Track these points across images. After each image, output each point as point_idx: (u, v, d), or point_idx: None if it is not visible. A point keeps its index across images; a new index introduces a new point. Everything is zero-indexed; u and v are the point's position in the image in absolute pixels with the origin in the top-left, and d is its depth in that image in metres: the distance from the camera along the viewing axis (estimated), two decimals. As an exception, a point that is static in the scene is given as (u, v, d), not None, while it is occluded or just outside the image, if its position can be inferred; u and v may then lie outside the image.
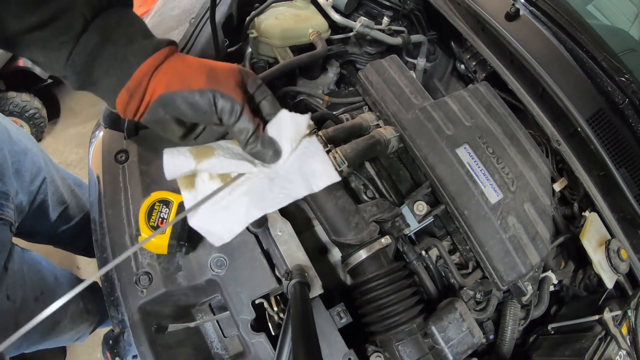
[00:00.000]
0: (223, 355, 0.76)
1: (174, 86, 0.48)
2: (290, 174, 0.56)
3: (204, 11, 1.04)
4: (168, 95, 0.49)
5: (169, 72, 0.49)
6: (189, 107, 0.49)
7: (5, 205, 0.88)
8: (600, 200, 0.94)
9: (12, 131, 0.98)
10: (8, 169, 0.92)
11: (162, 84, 0.49)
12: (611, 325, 0.82)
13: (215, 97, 0.49)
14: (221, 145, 0.56)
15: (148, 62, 0.48)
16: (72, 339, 1.24)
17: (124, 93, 0.49)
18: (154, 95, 0.49)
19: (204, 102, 0.49)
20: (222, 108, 0.49)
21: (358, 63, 1.30)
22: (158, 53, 0.49)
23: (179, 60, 0.51)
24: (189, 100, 0.49)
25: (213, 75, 0.50)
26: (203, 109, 0.49)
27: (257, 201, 0.54)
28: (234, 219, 0.54)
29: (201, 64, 0.51)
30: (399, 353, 0.70)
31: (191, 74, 0.49)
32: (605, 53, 0.95)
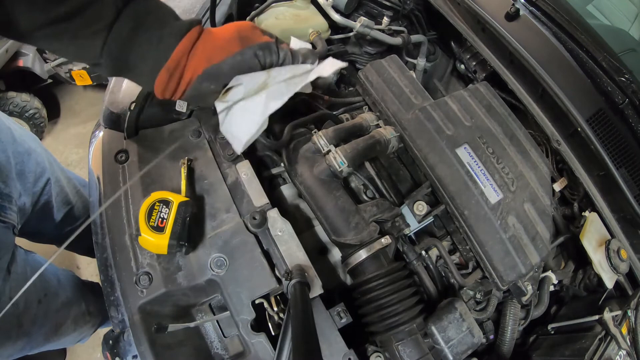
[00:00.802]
0: (223, 355, 0.76)
1: (215, 58, 0.54)
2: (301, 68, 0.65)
3: (204, 11, 1.04)
4: (214, 68, 0.54)
5: (207, 48, 0.54)
6: (235, 70, 0.55)
7: (7, 208, 0.88)
8: (600, 200, 0.94)
9: (15, 132, 0.98)
10: (11, 171, 0.91)
11: (202, 60, 0.53)
12: (611, 325, 0.81)
13: (254, 50, 0.56)
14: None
15: (184, 41, 0.52)
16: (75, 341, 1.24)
17: (164, 73, 0.52)
18: (195, 73, 0.53)
19: (248, 58, 0.55)
20: (263, 54, 0.57)
21: (358, 63, 1.30)
22: (191, 32, 0.53)
23: (209, 35, 0.55)
24: (234, 65, 0.55)
25: (243, 36, 0.56)
26: (249, 65, 0.56)
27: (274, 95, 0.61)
28: (251, 117, 0.60)
29: (229, 31, 0.56)
30: (399, 353, 0.70)
31: (226, 43, 0.55)
32: (605, 53, 0.95)
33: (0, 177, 0.87)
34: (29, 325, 0.93)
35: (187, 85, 0.54)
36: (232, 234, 0.75)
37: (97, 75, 2.34)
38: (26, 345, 0.97)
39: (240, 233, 0.75)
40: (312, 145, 0.84)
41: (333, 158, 0.79)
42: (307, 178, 0.81)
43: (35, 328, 0.97)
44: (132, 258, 0.73)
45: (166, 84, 0.53)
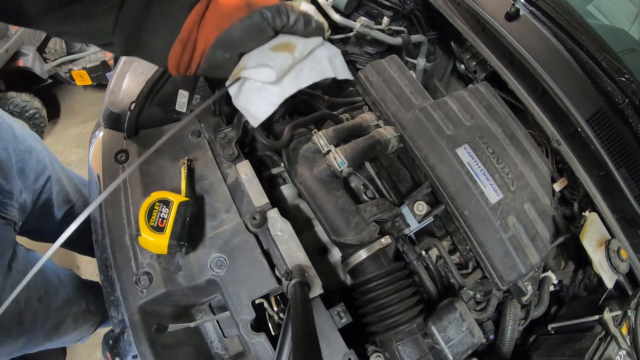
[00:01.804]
0: (223, 355, 0.76)
1: (225, 24, 0.54)
2: (319, 58, 0.66)
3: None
4: (225, 34, 0.54)
5: (215, 16, 0.54)
6: (246, 34, 0.55)
7: (9, 205, 0.88)
8: (600, 200, 0.93)
9: (17, 130, 0.98)
10: (12, 168, 0.92)
11: (212, 28, 0.54)
12: (611, 325, 0.81)
13: (263, 12, 0.56)
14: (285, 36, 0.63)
15: (193, 12, 0.53)
16: (75, 340, 1.24)
17: (177, 46, 0.53)
18: (208, 42, 0.54)
19: (257, 21, 0.55)
20: (272, 17, 0.56)
21: (358, 63, 1.30)
22: (200, 4, 0.54)
23: (217, 4, 0.56)
24: (244, 28, 0.55)
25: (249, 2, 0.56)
26: (259, 27, 0.56)
27: (292, 79, 0.62)
28: (268, 98, 0.61)
29: None
30: (399, 353, 0.70)
31: (234, 9, 0.55)
32: (605, 53, 0.95)
33: (2, 174, 0.87)
34: (29, 323, 0.93)
35: (201, 56, 0.55)
36: (232, 234, 0.75)
37: (97, 75, 2.34)
38: (27, 344, 0.97)
39: (240, 233, 0.75)
40: (312, 145, 0.84)
41: (333, 158, 0.79)
42: (307, 178, 0.81)
43: (36, 326, 0.97)
44: (132, 258, 0.73)
45: (180, 58, 0.54)
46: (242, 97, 0.63)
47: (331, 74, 0.67)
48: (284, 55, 0.60)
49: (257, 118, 0.63)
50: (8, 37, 2.01)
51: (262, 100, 0.62)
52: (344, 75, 0.69)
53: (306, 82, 0.64)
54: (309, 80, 0.64)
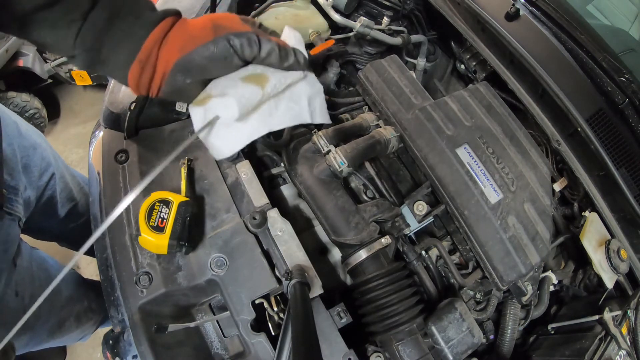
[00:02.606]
0: (223, 355, 0.76)
1: (187, 47, 0.50)
2: (297, 96, 0.60)
3: (203, 11, 1.04)
4: (185, 59, 0.50)
5: (179, 37, 0.51)
6: (208, 60, 0.51)
7: (14, 200, 0.88)
8: (600, 200, 0.93)
9: (21, 126, 0.98)
10: (17, 164, 0.92)
11: (173, 50, 0.50)
12: (611, 325, 0.81)
13: (229, 39, 0.51)
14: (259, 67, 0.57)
15: (156, 31, 0.50)
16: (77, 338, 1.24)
17: (136, 65, 0.50)
18: (168, 65, 0.50)
19: (221, 48, 0.50)
20: (240, 45, 0.51)
21: (358, 63, 1.30)
22: (163, 22, 0.51)
23: (183, 25, 0.52)
24: (205, 55, 0.50)
25: (218, 25, 0.51)
26: (223, 55, 0.51)
27: (265, 118, 0.57)
28: (237, 135, 0.56)
29: (204, 21, 0.52)
30: (399, 353, 0.70)
31: (198, 32, 0.51)
32: (605, 53, 0.95)
33: (7, 170, 0.87)
34: (33, 320, 0.93)
35: (161, 79, 0.51)
36: (232, 234, 0.75)
37: (97, 75, 2.34)
38: (30, 341, 0.97)
39: (240, 233, 0.75)
40: (312, 145, 0.84)
41: (333, 158, 0.79)
42: (307, 178, 0.81)
43: (40, 323, 0.97)
44: (132, 258, 0.73)
45: (139, 78, 0.51)
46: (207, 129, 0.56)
47: (307, 119, 0.61)
48: (253, 89, 0.54)
49: (221, 154, 0.58)
50: (8, 37, 2.01)
51: (229, 136, 0.56)
52: (320, 120, 0.63)
53: (279, 124, 0.58)
54: (282, 124, 0.58)
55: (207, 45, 0.50)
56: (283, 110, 0.58)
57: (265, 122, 0.57)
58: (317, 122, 0.63)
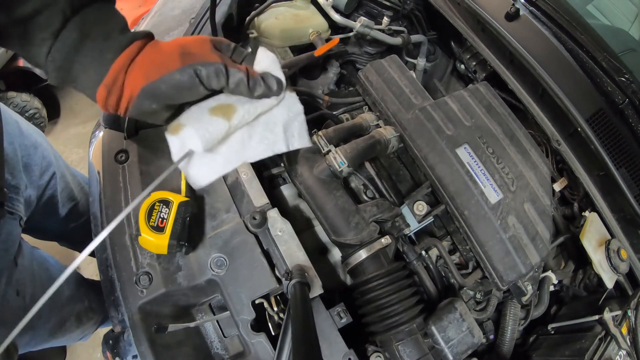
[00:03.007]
0: (223, 355, 0.76)
1: (153, 74, 0.49)
2: (272, 124, 0.58)
3: (204, 11, 1.04)
4: (151, 86, 0.49)
5: (145, 63, 0.50)
6: (174, 89, 0.50)
7: (15, 199, 0.88)
8: (600, 200, 0.94)
9: (22, 125, 0.99)
10: (18, 163, 0.92)
11: (140, 76, 0.50)
12: (611, 325, 0.82)
13: (196, 69, 0.50)
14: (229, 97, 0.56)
15: (122, 56, 0.50)
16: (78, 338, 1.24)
17: (102, 89, 0.50)
18: (134, 90, 0.50)
19: (186, 78, 0.49)
20: (206, 75, 0.50)
21: (358, 63, 1.30)
22: (131, 47, 0.51)
23: (152, 49, 0.52)
24: (171, 83, 0.49)
25: (186, 52, 0.51)
26: (188, 85, 0.50)
27: (237, 149, 0.56)
28: (211, 166, 0.55)
29: (173, 46, 0.52)
30: (399, 353, 0.70)
31: (165, 58, 0.50)
32: (605, 53, 0.95)
33: (8, 169, 0.87)
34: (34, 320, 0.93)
35: (127, 102, 0.51)
36: (232, 234, 0.75)
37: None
38: (31, 340, 0.97)
39: (240, 233, 0.75)
40: (312, 145, 0.84)
41: (333, 158, 0.79)
42: (307, 178, 0.81)
43: (41, 322, 0.97)
44: (132, 258, 0.73)
45: (105, 99, 0.51)
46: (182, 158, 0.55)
47: (282, 148, 0.59)
48: (218, 122, 0.53)
49: (198, 184, 0.56)
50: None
51: (203, 167, 0.56)
52: (298, 145, 0.61)
53: (253, 156, 0.57)
54: (255, 156, 0.57)
55: (173, 74, 0.49)
56: (257, 140, 0.57)
57: (238, 154, 0.56)
58: (295, 147, 0.60)
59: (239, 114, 0.54)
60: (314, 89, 1.13)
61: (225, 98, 0.55)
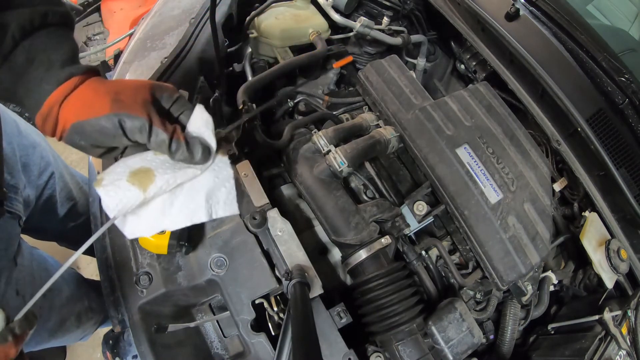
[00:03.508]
0: (223, 355, 0.76)
1: (82, 115, 0.50)
2: (195, 192, 0.56)
3: (204, 11, 1.04)
4: (79, 125, 0.50)
5: (77, 101, 0.51)
6: (97, 133, 0.51)
7: (14, 199, 0.88)
8: (600, 200, 0.94)
9: (21, 125, 0.99)
10: (16, 163, 0.92)
11: (71, 113, 0.51)
12: (611, 325, 0.82)
13: (121, 119, 0.50)
14: (155, 159, 0.55)
15: (57, 91, 0.51)
16: (78, 338, 1.24)
17: (39, 117, 0.52)
18: (66, 125, 0.51)
19: (110, 126, 0.50)
20: (130, 128, 0.51)
21: (358, 63, 1.30)
22: (68, 82, 0.51)
23: (88, 88, 0.52)
24: (96, 127, 0.50)
25: (117, 99, 0.51)
26: (111, 133, 0.51)
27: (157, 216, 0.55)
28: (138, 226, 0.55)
29: (109, 89, 0.52)
30: (399, 353, 0.70)
31: (96, 101, 0.51)
32: (605, 53, 0.95)
33: (6, 169, 0.87)
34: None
35: (62, 132, 0.52)
36: (232, 234, 0.75)
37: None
38: (31, 340, 0.97)
39: (240, 233, 0.75)
40: (312, 145, 0.84)
41: (333, 158, 0.79)
42: (307, 178, 0.81)
43: (40, 322, 0.97)
44: (132, 258, 0.73)
45: (42, 127, 0.53)
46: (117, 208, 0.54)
47: (202, 218, 0.56)
48: (134, 192, 0.52)
49: (132, 235, 0.56)
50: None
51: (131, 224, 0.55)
52: (222, 214, 0.58)
53: (172, 225, 0.56)
54: (174, 224, 0.56)
55: (99, 119, 0.50)
56: (177, 209, 0.55)
57: (157, 222, 0.55)
58: (218, 216, 0.58)
59: (157, 185, 0.53)
60: (314, 89, 1.13)
61: (151, 158, 0.55)
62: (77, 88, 0.52)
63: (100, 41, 2.27)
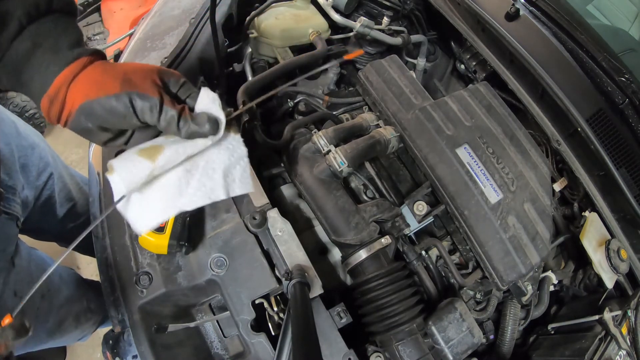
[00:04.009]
0: (223, 355, 0.76)
1: (91, 94, 0.50)
2: (211, 170, 0.55)
3: (204, 11, 1.04)
4: (87, 105, 0.50)
5: (87, 81, 0.51)
6: (107, 113, 0.50)
7: (12, 200, 0.88)
8: (600, 200, 0.94)
9: (19, 126, 0.99)
10: (15, 164, 0.92)
11: (80, 93, 0.50)
12: (611, 325, 0.82)
13: (132, 98, 0.50)
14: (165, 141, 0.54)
15: (66, 71, 0.50)
16: (76, 338, 1.24)
17: (45, 100, 0.51)
18: (74, 105, 0.50)
19: (121, 105, 0.50)
20: (141, 108, 0.50)
21: (358, 63, 1.30)
22: (76, 62, 0.51)
23: (97, 69, 0.52)
24: (106, 107, 0.50)
25: (128, 79, 0.50)
26: (122, 113, 0.50)
27: (173, 197, 0.53)
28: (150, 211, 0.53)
29: (118, 70, 0.52)
30: (399, 353, 0.70)
31: (106, 80, 0.50)
32: (605, 53, 0.95)
33: (4, 170, 0.87)
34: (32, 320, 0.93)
35: (68, 116, 0.52)
36: (232, 234, 0.75)
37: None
38: (29, 341, 0.97)
39: (240, 233, 0.75)
40: (312, 145, 0.84)
41: (333, 158, 0.79)
42: (307, 178, 0.81)
43: (39, 323, 0.97)
44: (132, 258, 0.73)
45: (48, 110, 0.52)
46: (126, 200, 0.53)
47: (220, 196, 0.55)
48: (142, 162, 0.51)
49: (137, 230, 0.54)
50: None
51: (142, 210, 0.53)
52: (239, 191, 0.57)
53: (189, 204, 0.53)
54: (192, 203, 0.53)
55: (110, 98, 0.49)
56: (194, 187, 0.54)
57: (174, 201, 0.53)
58: (235, 194, 0.56)
59: (165, 155, 0.52)
60: (314, 89, 1.14)
61: (161, 141, 0.54)
62: (85, 68, 0.51)
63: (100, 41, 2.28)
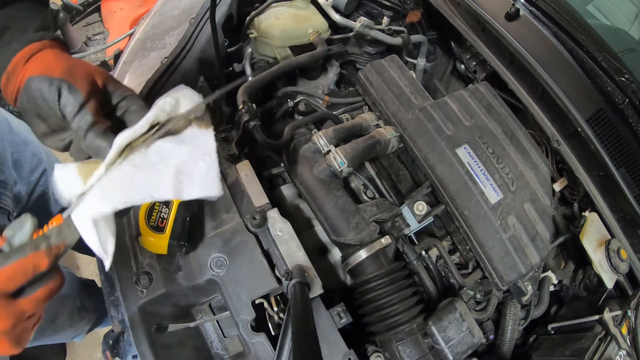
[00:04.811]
0: (223, 355, 0.76)
1: (36, 72, 0.50)
2: (163, 166, 0.46)
3: (204, 11, 1.04)
4: (28, 81, 0.50)
5: (39, 60, 0.51)
6: (39, 94, 0.50)
7: (3, 194, 0.89)
8: (600, 200, 0.94)
9: (12, 123, 1.00)
10: (7, 159, 0.93)
11: (29, 70, 0.51)
12: (611, 325, 0.82)
13: (62, 87, 0.49)
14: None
15: (26, 49, 0.51)
16: (71, 336, 1.25)
17: (4, 77, 0.52)
18: (22, 82, 0.51)
19: (50, 90, 0.49)
20: (65, 99, 0.49)
21: (358, 63, 1.30)
22: (38, 43, 0.52)
23: (53, 52, 0.53)
24: (39, 87, 0.49)
25: (70, 70, 0.50)
26: (48, 98, 0.49)
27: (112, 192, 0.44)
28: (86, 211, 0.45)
29: (68, 60, 0.52)
30: (399, 353, 0.70)
31: (53, 64, 0.51)
32: (605, 53, 0.95)
33: None
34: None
35: (17, 92, 0.51)
36: (232, 234, 0.75)
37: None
38: None
39: (240, 233, 0.75)
40: (312, 145, 0.84)
41: (333, 158, 0.79)
42: (307, 178, 0.81)
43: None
44: (132, 258, 0.73)
45: (5, 87, 0.53)
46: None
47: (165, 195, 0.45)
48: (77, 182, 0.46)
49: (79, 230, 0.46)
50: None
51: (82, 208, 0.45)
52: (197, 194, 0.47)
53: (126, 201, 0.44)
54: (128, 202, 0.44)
55: (45, 78, 0.49)
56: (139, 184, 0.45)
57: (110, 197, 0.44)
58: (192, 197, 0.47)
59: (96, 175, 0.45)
60: (314, 89, 1.14)
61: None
62: (44, 49, 0.52)
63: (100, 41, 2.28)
